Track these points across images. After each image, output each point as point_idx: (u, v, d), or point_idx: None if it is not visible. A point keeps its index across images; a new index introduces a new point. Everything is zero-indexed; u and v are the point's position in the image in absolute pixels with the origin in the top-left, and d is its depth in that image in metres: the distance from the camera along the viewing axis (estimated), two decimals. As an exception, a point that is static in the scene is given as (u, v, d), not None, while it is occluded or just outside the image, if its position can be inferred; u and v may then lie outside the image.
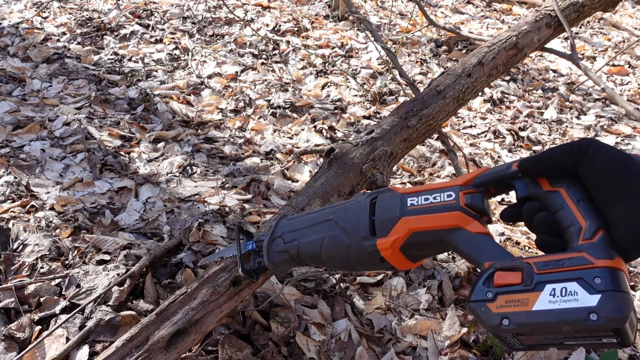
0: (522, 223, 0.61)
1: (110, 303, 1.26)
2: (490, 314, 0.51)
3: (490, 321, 0.51)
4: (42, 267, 1.35)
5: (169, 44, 3.09)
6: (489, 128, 2.71)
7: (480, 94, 2.81)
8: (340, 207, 0.75)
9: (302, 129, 2.43)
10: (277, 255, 0.80)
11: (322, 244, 0.73)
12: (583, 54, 3.78)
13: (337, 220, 0.72)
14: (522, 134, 2.70)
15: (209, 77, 2.79)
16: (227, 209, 1.75)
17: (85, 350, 1.14)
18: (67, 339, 1.16)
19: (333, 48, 3.33)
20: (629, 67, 3.56)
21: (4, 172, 1.75)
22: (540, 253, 0.56)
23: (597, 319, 0.45)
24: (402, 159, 1.93)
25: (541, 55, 3.64)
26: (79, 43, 2.95)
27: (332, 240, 0.72)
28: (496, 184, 0.63)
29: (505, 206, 0.79)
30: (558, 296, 0.48)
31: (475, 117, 2.83)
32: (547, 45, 1.92)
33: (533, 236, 0.60)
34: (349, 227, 0.70)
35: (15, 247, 1.41)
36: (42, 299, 1.27)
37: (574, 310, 0.46)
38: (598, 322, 0.45)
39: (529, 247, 1.81)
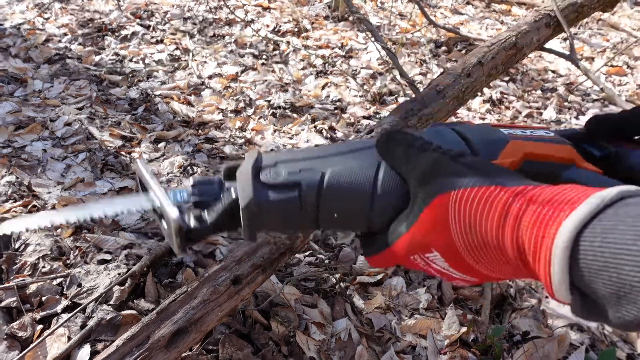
0: None
1: (111, 302, 1.27)
2: None
3: None
4: (43, 267, 1.35)
5: (170, 45, 3.10)
6: (489, 128, 2.72)
7: (479, 94, 2.82)
8: None
9: (302, 129, 2.44)
10: (275, 193, 0.45)
11: (376, 173, 0.45)
12: (582, 55, 3.79)
13: None
14: (521, 134, 2.71)
15: (210, 77, 2.80)
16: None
17: (86, 349, 1.14)
18: (69, 338, 1.17)
19: (333, 48, 3.33)
20: (627, 68, 3.57)
21: (6, 172, 1.76)
22: None
23: None
24: (402, 159, 1.94)
25: (540, 56, 3.65)
26: (80, 44, 2.96)
27: None
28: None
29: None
30: None
31: (475, 117, 2.84)
32: (547, 46, 1.92)
33: None
34: None
35: (17, 246, 1.42)
36: (43, 298, 1.27)
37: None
38: None
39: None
